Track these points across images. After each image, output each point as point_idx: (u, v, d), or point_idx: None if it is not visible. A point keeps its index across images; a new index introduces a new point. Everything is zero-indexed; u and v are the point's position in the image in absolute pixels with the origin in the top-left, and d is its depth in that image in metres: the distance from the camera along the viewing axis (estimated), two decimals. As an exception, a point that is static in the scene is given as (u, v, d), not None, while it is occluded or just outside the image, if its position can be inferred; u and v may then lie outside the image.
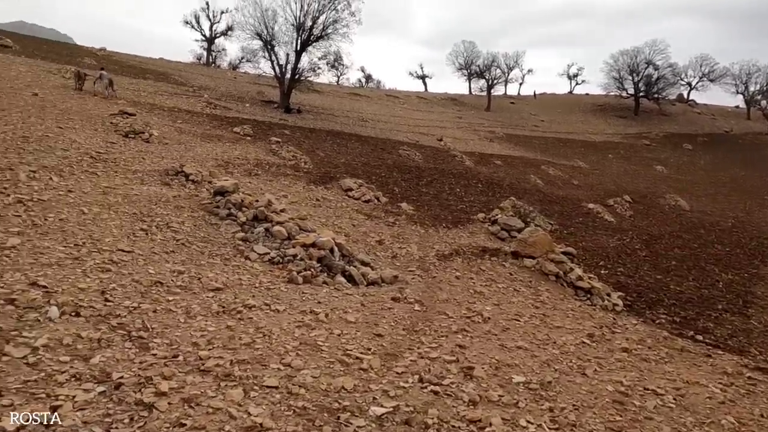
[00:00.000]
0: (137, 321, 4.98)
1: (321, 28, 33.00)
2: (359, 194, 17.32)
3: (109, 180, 10.95)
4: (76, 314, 4.83)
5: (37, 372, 3.79)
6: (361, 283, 8.76)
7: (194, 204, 10.18)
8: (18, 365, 3.81)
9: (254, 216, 9.72)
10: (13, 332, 4.24)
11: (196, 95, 30.55)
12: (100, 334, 4.58)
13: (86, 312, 4.93)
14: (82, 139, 14.64)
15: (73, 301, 5.02)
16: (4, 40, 28.28)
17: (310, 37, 33.07)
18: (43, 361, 3.93)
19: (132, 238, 7.64)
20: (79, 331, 4.50)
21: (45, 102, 18.71)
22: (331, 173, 19.52)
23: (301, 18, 32.40)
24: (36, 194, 8.33)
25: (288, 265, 8.43)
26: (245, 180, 15.34)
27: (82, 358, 4.12)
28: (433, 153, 31.72)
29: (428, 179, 22.93)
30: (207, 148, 18.93)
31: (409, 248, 12.24)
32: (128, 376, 3.95)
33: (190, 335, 4.97)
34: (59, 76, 25.04)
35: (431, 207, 18.08)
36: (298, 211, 13.14)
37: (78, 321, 4.74)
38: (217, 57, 54.00)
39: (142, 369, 4.11)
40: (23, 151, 11.67)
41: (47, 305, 4.80)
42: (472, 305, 8.52)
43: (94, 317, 4.88)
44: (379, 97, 52.85)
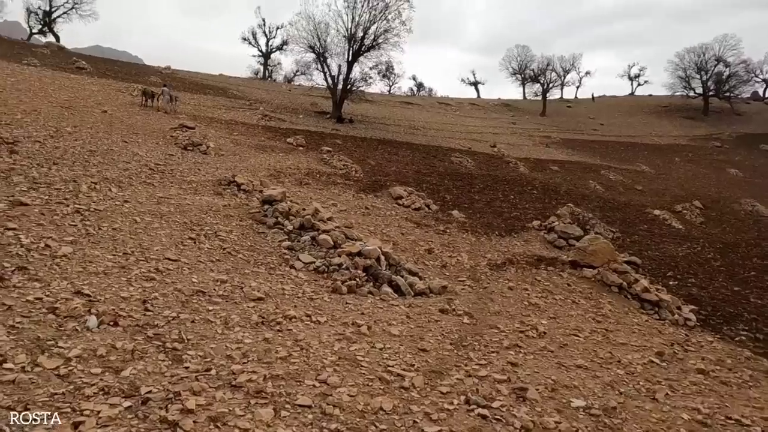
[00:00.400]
0: (174, 332, 4.87)
1: (372, 38, 33.15)
2: (409, 202, 17.00)
3: (164, 190, 11.19)
4: (115, 324, 4.78)
5: (67, 384, 3.70)
6: (408, 293, 8.40)
7: (243, 213, 10.20)
8: (48, 377, 3.74)
9: (301, 224, 9.60)
10: (49, 342, 4.21)
11: (252, 108, 31.37)
12: (135, 345, 4.49)
13: (125, 322, 4.86)
14: (143, 152, 15.17)
15: (113, 311, 4.98)
16: (79, 63, 30.20)
17: (361, 47, 33.29)
18: (74, 373, 3.85)
19: (180, 247, 7.66)
20: (114, 342, 4.42)
21: (113, 118, 19.65)
22: (381, 181, 19.32)
23: (353, 29, 32.70)
24: (93, 204, 8.56)
25: (333, 275, 8.21)
26: (296, 189, 15.39)
27: (113, 370, 4.02)
28: (485, 159, 30.99)
29: (481, 186, 22.29)
30: (260, 158, 19.24)
31: (459, 257, 11.76)
32: (157, 391, 3.80)
33: (226, 347, 4.80)
34: (127, 94, 26.37)
35: (483, 214, 17.48)
36: (347, 219, 12.97)
37: (115, 331, 4.67)
38: (273, 71, 55.64)
39: (172, 383, 3.95)
40: (88, 164, 12.17)
41: (87, 314, 4.77)
42: (526, 318, 7.96)
43: (131, 327, 4.81)
44: (431, 105, 52.50)
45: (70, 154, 12.69)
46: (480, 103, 59.08)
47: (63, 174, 10.57)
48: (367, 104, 42.67)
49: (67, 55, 33.36)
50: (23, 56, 27.89)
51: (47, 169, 10.72)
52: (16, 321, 4.38)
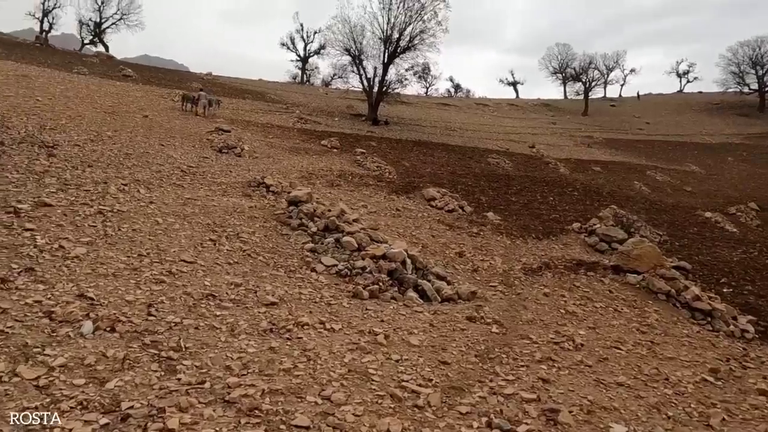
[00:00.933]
0: (173, 339, 4.55)
1: (408, 40, 32.71)
2: (442, 204, 16.42)
3: (192, 192, 11.09)
4: (112, 329, 4.51)
5: (44, 397, 3.42)
6: (434, 299, 7.88)
7: (268, 214, 9.94)
8: (25, 388, 3.47)
9: (325, 226, 9.24)
10: (36, 349, 3.96)
11: (288, 112, 31.49)
12: (128, 353, 4.19)
13: (123, 327, 4.59)
14: (178, 154, 15.25)
15: (113, 315, 4.72)
16: (126, 71, 31.14)
17: (396, 49, 32.90)
18: (54, 384, 3.57)
19: (198, 248, 7.43)
20: (106, 350, 4.14)
21: (153, 122, 19.97)
22: (414, 183, 18.81)
23: (388, 31, 32.36)
24: (118, 205, 8.46)
25: (355, 279, 7.78)
26: (326, 191, 15.10)
27: (98, 381, 3.72)
28: (524, 160, 29.98)
29: (518, 187, 21.44)
30: (294, 160, 19.11)
31: (492, 261, 11.12)
32: (139, 406, 3.46)
33: (226, 357, 4.44)
34: (168, 100, 26.91)
35: (520, 216, 16.70)
36: (376, 221, 12.55)
37: (110, 337, 4.40)
38: (310, 75, 56.02)
39: (159, 397, 3.61)
40: (122, 166, 12.24)
41: (85, 319, 4.53)
42: (561, 328, 7.29)
43: (129, 333, 4.52)
44: (468, 106, 51.56)
45: (106, 156, 12.81)
46: (518, 104, 57.57)
47: (95, 176, 10.61)
48: (403, 106, 42.24)
49: (114, 64, 34.50)
50: (74, 65, 28.95)
51: (81, 171, 10.79)
52: (7, 325, 4.17)
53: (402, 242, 9.15)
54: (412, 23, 32.21)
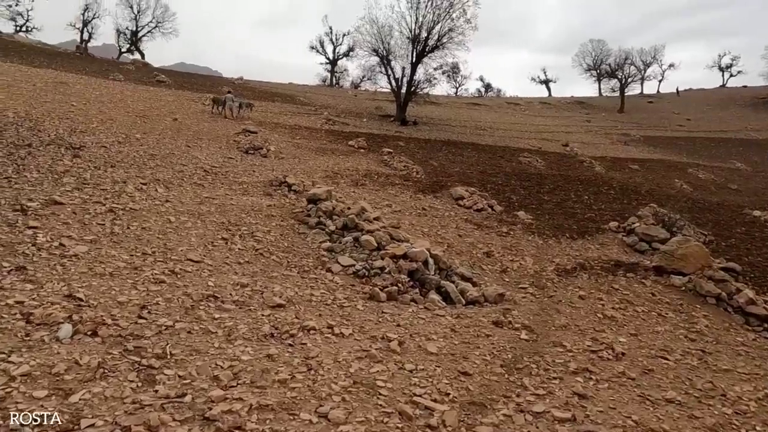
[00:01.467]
0: (160, 345, 4.10)
1: (436, 39, 32.02)
2: (471, 203, 15.69)
3: (211, 191, 10.78)
4: (93, 333, 4.10)
5: (-6, 412, 3.01)
6: (458, 301, 7.24)
7: (286, 213, 9.50)
8: (-24, 401, 3.07)
9: (344, 224, 8.72)
10: (1, 355, 3.56)
11: (316, 113, 31.29)
12: (105, 360, 3.75)
13: (106, 331, 4.17)
14: (203, 155, 15.07)
15: (99, 318, 4.31)
16: (159, 76, 31.61)
17: (425, 48, 32.26)
18: (11, 396, 3.14)
19: (209, 247, 7.03)
20: (80, 356, 3.71)
21: (182, 125, 19.97)
22: (442, 182, 18.14)
23: (416, 30, 31.74)
24: (132, 204, 8.18)
25: (373, 279, 7.22)
26: (350, 190, 14.63)
27: (63, 393, 3.28)
28: (557, 159, 28.83)
29: (551, 186, 20.46)
30: (320, 160, 18.75)
31: (522, 261, 10.37)
32: (102, 424, 3.00)
33: (215, 366, 3.95)
34: (199, 104, 27.05)
35: (553, 216, 15.80)
36: (399, 220, 11.97)
37: (90, 342, 3.98)
38: (340, 77, 55.90)
39: (128, 413, 3.14)
40: (145, 166, 12.08)
41: (66, 322, 4.13)
42: (599, 334, 6.53)
43: (112, 337, 4.10)
44: (499, 105, 50.37)
45: (131, 157, 12.68)
46: (551, 102, 55.89)
47: (116, 175, 10.42)
48: (432, 106, 41.54)
49: (149, 71, 35.12)
50: (110, 72, 29.53)
51: (102, 171, 10.63)
52: (-23, 328, 3.82)
53: (425, 241, 8.54)
54: (440, 22, 31.55)
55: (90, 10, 43.37)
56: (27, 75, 23.25)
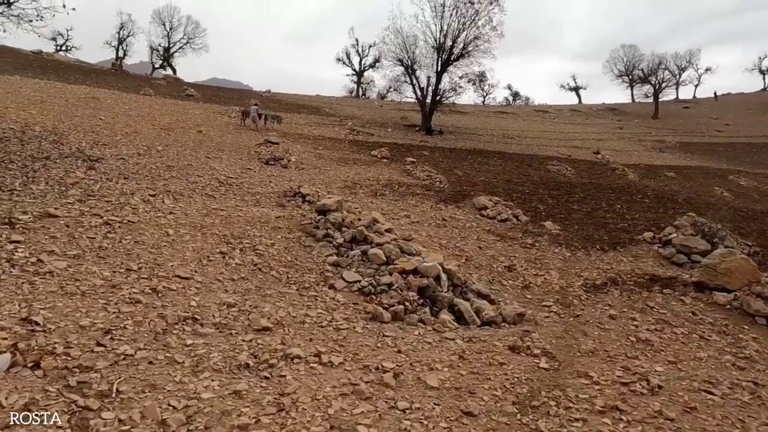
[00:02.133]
0: (109, 379, 3.57)
1: (461, 47, 31.33)
2: (494, 213, 14.90)
3: (221, 202, 10.39)
4: (35, 365, 3.61)
5: None
6: (472, 322, 6.51)
7: (294, 225, 8.99)
8: None
9: (352, 237, 8.13)
10: None
11: (341, 124, 31.01)
12: (35, 400, 3.23)
13: (51, 362, 3.66)
14: (221, 166, 14.81)
15: (49, 346, 3.82)
16: (189, 90, 31.97)
17: (450, 56, 31.60)
18: None
19: (203, 262, 6.54)
20: (7, 395, 3.20)
21: (205, 137, 19.89)
22: (465, 192, 17.40)
23: (441, 39, 31.15)
24: (132, 216, 7.80)
25: (380, 297, 6.59)
26: (368, 200, 14.07)
27: (-29, 445, 2.79)
28: (587, 167, 27.59)
29: (581, 195, 19.41)
30: (340, 171, 18.30)
31: (547, 276, 9.54)
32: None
33: (168, 406, 3.38)
34: (225, 116, 27.12)
35: (583, 226, 14.83)
36: (417, 231, 11.32)
37: (27, 377, 3.48)
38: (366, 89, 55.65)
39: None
40: (159, 177, 11.82)
41: (9, 350, 3.64)
42: (632, 362, 5.69)
43: (57, 370, 3.60)
44: (527, 114, 49.13)
45: (147, 169, 12.47)
46: (582, 109, 54.17)
47: (126, 187, 10.15)
48: (458, 115, 40.76)
49: (179, 85, 35.65)
50: (141, 87, 30.01)
51: (113, 183, 10.38)
52: None
53: (437, 254, 7.84)
54: (465, 30, 30.85)
55: (125, 29, 44.74)
56: (61, 91, 23.72)
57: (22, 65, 28.11)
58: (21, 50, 33.83)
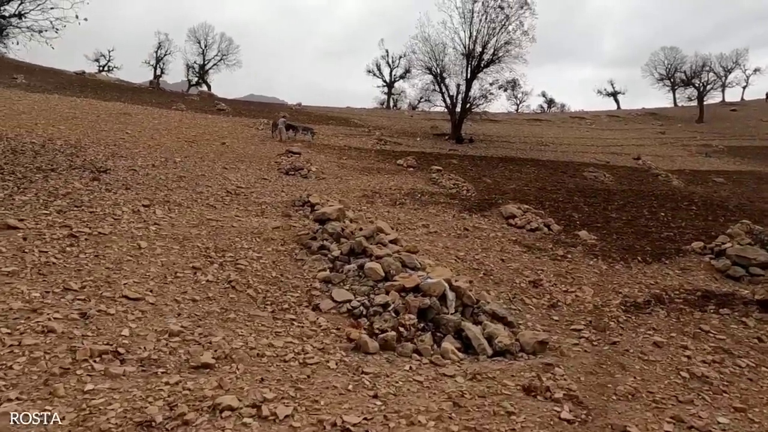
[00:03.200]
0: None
1: (491, 53, 29.98)
2: (523, 222, 13.52)
3: (220, 212, 9.57)
4: None
5: None
6: (481, 351, 5.29)
7: (290, 236, 8.01)
8: None
9: (350, 249, 7.04)
10: None
11: (369, 134, 30.20)
12: None
13: None
14: (236, 176, 14.13)
15: None
16: (220, 105, 31.99)
17: (480, 63, 30.30)
18: None
19: (167, 279, 5.62)
20: None
21: (228, 149, 19.41)
22: (493, 200, 16.07)
23: (470, 45, 29.92)
24: (106, 228, 7.01)
25: (372, 320, 5.47)
26: (385, 209, 12.99)
27: None
28: (627, 173, 25.60)
29: (620, 203, 17.69)
30: (362, 180, 17.33)
31: (579, 292, 8.14)
32: None
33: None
34: (253, 129, 26.76)
35: (622, 235, 13.24)
36: (433, 242, 10.14)
37: None
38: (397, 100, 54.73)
39: None
40: (163, 188, 11.17)
41: None
42: (685, 409, 4.33)
43: None
44: (563, 121, 46.99)
45: (156, 180, 11.86)
46: (620, 115, 51.38)
47: (122, 198, 9.46)
48: (490, 124, 39.26)
49: (212, 100, 35.84)
50: (174, 103, 30.17)
51: (111, 194, 9.74)
52: None
53: (444, 269, 6.63)
54: (495, 35, 29.52)
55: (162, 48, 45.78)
56: (94, 107, 23.90)
57: (63, 85, 28.76)
58: (65, 71, 34.96)
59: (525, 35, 29.09)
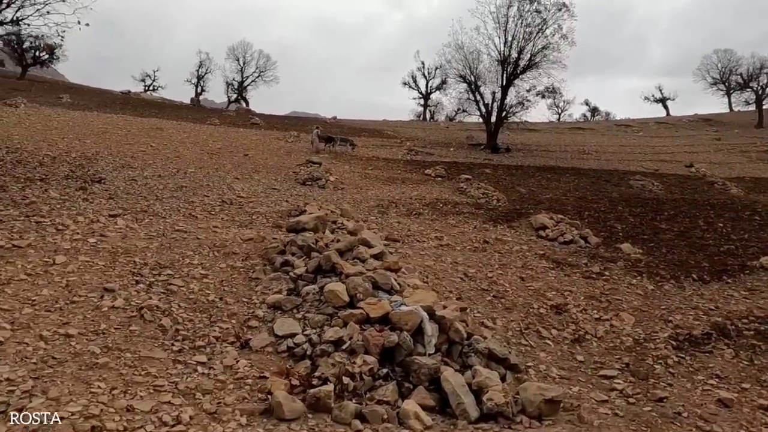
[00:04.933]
0: None
1: (528, 58, 27.95)
2: (555, 233, 11.58)
3: (196, 224, 8.41)
4: None
5: None
6: (461, 414, 3.63)
7: (259, 249, 6.62)
8: None
9: (317, 266, 5.55)
10: None
11: (400, 145, 28.81)
12: None
13: None
14: (244, 187, 13.07)
15: None
16: (254, 119, 31.60)
17: (516, 69, 28.33)
18: None
19: (55, 305, 4.31)
20: None
21: (248, 160, 18.56)
22: (524, 210, 14.19)
23: (506, 51, 28.02)
24: (28, 238, 5.88)
25: (318, 362, 3.94)
26: (395, 220, 11.44)
27: None
28: (678, 182, 22.81)
29: (671, 213, 15.30)
30: (382, 190, 15.90)
31: (615, 321, 6.25)
32: None
33: None
34: (282, 141, 25.99)
35: (673, 248, 11.07)
36: (441, 257, 8.48)
37: None
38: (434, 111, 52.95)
39: None
40: (154, 198, 10.19)
41: None
42: None
43: None
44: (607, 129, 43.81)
45: (149, 190, 10.94)
46: (670, 121, 47.38)
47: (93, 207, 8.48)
48: (529, 133, 36.93)
49: (248, 115, 35.63)
50: (209, 118, 30.00)
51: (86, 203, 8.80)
52: None
53: (429, 293, 4.97)
54: (532, 40, 27.50)
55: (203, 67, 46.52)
56: (128, 123, 23.81)
57: (106, 103, 29.20)
58: (111, 91, 35.86)
59: (564, 39, 26.91)
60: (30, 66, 36.33)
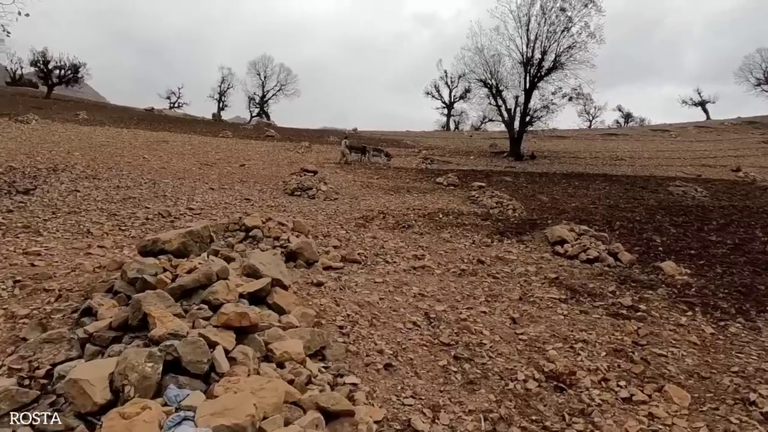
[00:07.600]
0: None
1: (553, 59, 25.04)
2: (577, 249, 8.78)
3: (77, 243, 6.39)
4: None
5: None
6: None
7: (93, 282, 4.42)
8: None
9: (124, 320, 3.18)
10: None
11: (417, 154, 26.45)
12: None
13: None
14: (212, 197, 11.23)
15: None
16: (269, 131, 30.07)
17: (540, 70, 25.45)
18: None
19: None
20: None
21: (241, 170, 16.89)
22: (542, 220, 11.46)
23: (528, 52, 25.24)
24: None
25: None
26: (370, 234, 9.06)
27: None
28: (725, 187, 19.28)
29: (720, 222, 12.11)
30: (380, 200, 13.61)
31: (657, 404, 3.58)
32: None
33: None
34: (292, 152, 24.21)
35: (731, 267, 8.10)
36: (406, 283, 6.00)
37: None
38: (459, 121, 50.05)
39: None
40: (73, 212, 8.39)
41: None
42: None
43: None
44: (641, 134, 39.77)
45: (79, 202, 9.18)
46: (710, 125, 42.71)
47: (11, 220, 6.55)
48: (557, 140, 33.76)
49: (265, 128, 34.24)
50: (223, 132, 28.65)
51: None
52: None
53: (246, 400, 2.49)
54: (556, 39, 24.61)
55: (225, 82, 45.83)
56: (135, 136, 22.58)
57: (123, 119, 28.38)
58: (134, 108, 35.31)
59: (591, 37, 23.88)
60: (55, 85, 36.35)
